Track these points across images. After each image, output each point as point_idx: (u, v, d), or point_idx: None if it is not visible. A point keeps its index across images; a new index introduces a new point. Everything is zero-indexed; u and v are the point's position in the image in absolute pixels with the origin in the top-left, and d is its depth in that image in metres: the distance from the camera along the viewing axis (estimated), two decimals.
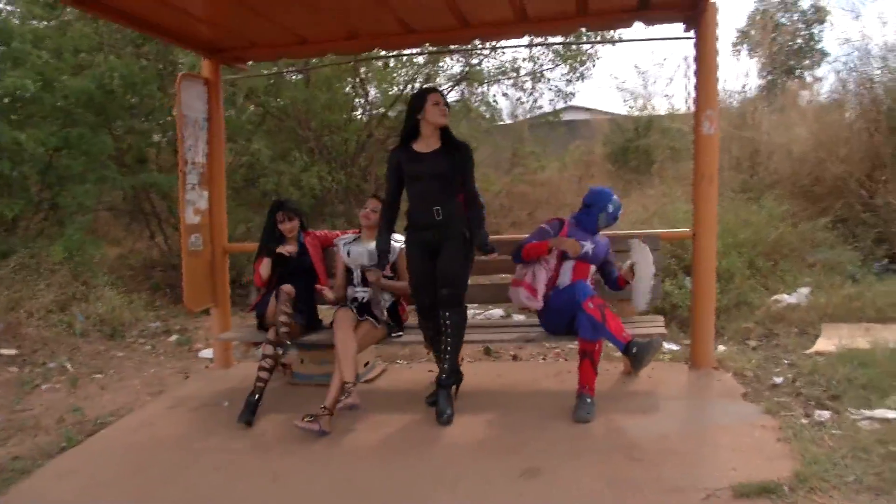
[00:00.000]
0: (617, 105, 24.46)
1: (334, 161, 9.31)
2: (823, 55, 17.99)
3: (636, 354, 3.39)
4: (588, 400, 3.53)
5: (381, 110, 10.03)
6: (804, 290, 5.51)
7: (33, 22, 6.70)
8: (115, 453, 3.51)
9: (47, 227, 7.42)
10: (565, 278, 3.79)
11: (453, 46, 6.94)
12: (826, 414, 3.34)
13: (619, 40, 9.26)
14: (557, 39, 9.45)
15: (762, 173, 7.77)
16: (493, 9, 4.05)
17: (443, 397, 3.57)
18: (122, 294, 6.64)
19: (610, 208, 3.85)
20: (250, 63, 5.15)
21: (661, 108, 13.97)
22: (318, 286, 4.12)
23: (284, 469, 3.14)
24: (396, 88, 9.52)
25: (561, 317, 3.72)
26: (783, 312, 5.23)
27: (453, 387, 3.75)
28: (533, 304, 3.84)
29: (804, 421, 3.28)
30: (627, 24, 4.31)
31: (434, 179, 3.50)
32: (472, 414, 3.68)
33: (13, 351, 5.27)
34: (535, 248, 3.77)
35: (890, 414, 3.20)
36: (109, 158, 7.84)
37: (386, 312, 3.96)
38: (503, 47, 8.84)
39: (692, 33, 4.14)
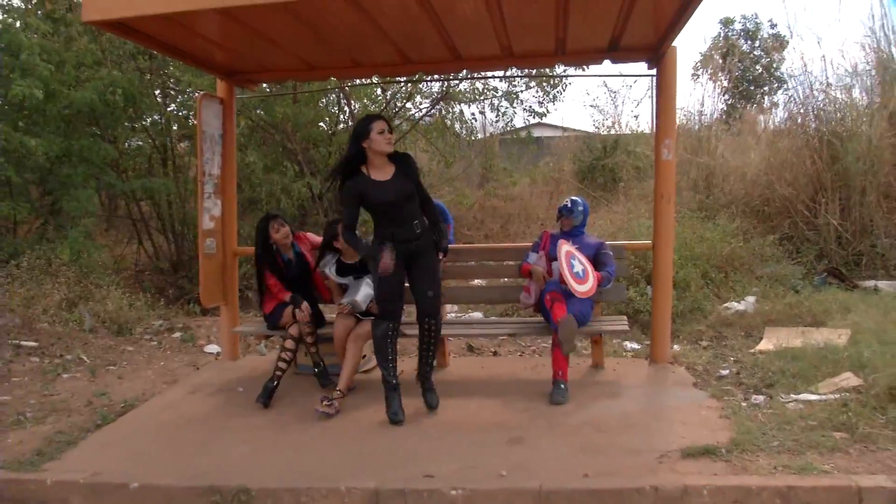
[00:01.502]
0: (587, 123, 25.32)
1: (319, 173, 9.84)
2: (781, 82, 18.99)
3: (559, 331, 4.01)
4: (562, 385, 4.12)
5: None
6: (751, 299, 6.20)
7: (35, 35, 7.09)
8: (147, 429, 3.98)
9: (48, 231, 7.78)
10: (557, 276, 4.39)
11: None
12: (761, 398, 3.98)
13: (588, 75, 9.94)
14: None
15: (717, 194, 8.52)
16: (482, 45, 4.63)
17: (430, 389, 4.05)
18: (123, 294, 7.05)
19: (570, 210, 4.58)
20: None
21: (628, 127, 14.72)
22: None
23: (303, 442, 3.66)
24: (375, 105, 10.07)
25: (544, 310, 4.34)
26: (732, 318, 5.91)
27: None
28: (527, 301, 4.48)
29: (743, 403, 3.92)
30: (599, 62, 4.95)
31: (407, 202, 3.76)
32: (462, 398, 4.24)
33: (33, 343, 5.66)
34: (524, 269, 4.59)
35: (812, 397, 3.84)
36: (109, 166, 8.27)
37: None
38: (486, 77, 9.43)
39: (654, 71, 4.79)
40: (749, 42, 19.35)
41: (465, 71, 5.31)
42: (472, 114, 11.80)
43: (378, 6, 3.75)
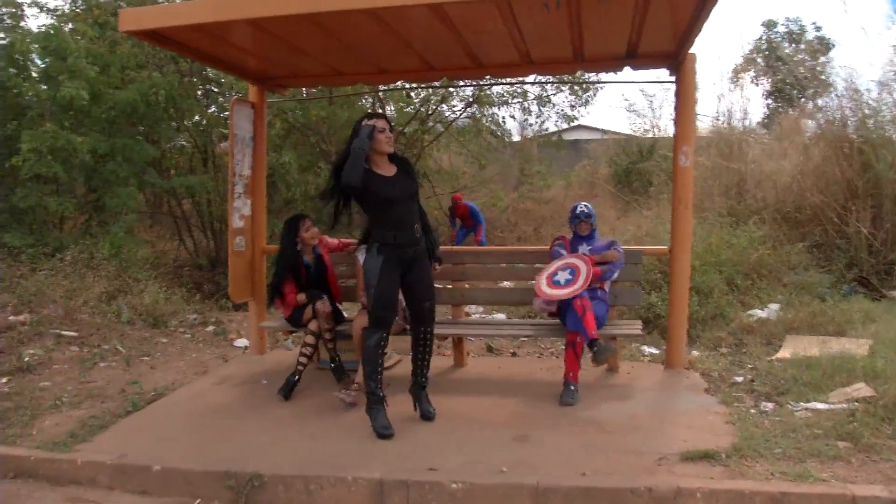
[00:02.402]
0: (625, 126, 25.12)
1: None
2: (828, 85, 18.48)
3: (596, 352, 4.07)
4: (572, 387, 4.21)
5: (398, 128, 10.79)
6: (775, 307, 6.16)
7: (81, 39, 7.46)
8: (175, 416, 4.20)
9: (92, 227, 8.15)
10: None
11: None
12: (770, 405, 4.00)
13: (607, 81, 9.92)
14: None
15: (749, 200, 8.44)
16: (502, 53, 4.74)
17: (424, 398, 4.00)
18: (161, 288, 7.36)
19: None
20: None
21: (665, 131, 14.55)
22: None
23: (318, 433, 3.82)
24: (412, 107, 10.25)
25: (563, 313, 4.42)
26: (754, 325, 5.89)
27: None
28: (548, 308, 4.59)
29: (751, 410, 3.95)
30: (619, 69, 5.02)
31: (410, 200, 3.74)
32: (475, 396, 4.37)
33: (73, 333, 5.97)
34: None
35: (821, 406, 3.85)
36: (149, 164, 8.62)
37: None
38: (509, 82, 9.51)
39: (674, 78, 4.83)
40: (793, 45, 18.98)
41: (488, 77, 5.36)
42: (503, 117, 11.81)
43: (400, 19, 3.90)
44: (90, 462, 3.52)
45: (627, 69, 5.00)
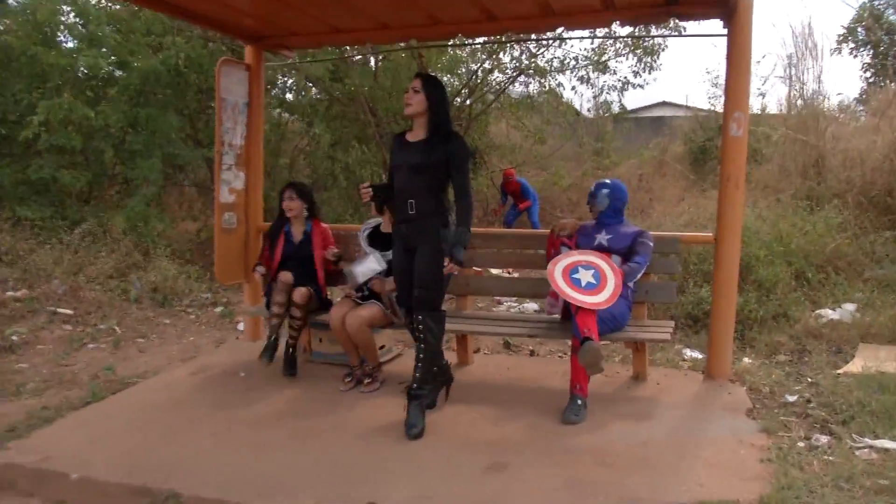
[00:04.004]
0: (705, 101, 23.44)
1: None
2: None
3: (581, 350, 3.33)
4: (579, 401, 3.50)
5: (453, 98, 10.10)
6: (850, 307, 5.19)
7: (108, 4, 7.18)
8: (129, 411, 3.79)
9: (120, 200, 7.94)
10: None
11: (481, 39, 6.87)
12: (825, 438, 3.16)
13: (645, 35, 8.84)
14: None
15: (831, 181, 7.32)
16: (516, 3, 4.03)
17: (413, 409, 3.35)
18: (179, 265, 7.04)
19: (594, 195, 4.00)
20: (313, 50, 5.31)
21: (754, 106, 13.29)
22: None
23: (271, 441, 3.31)
24: (456, 78, 9.54)
25: (570, 314, 3.70)
26: (823, 328, 4.95)
27: (443, 388, 3.74)
28: (554, 308, 3.93)
29: (799, 444, 3.13)
30: (661, 20, 4.20)
31: (410, 171, 3.37)
32: (466, 404, 3.73)
33: (69, 311, 5.71)
34: (548, 250, 4.04)
35: (892, 445, 3.00)
36: (186, 136, 8.32)
37: (391, 307, 4.03)
38: (538, 40, 8.60)
39: (726, 31, 3.97)
40: None
41: (509, 34, 4.64)
42: (562, 86, 10.87)
43: None
44: (10, 464, 3.13)
45: (673, 21, 4.19)
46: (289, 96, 9.56)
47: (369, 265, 4.02)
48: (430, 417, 3.48)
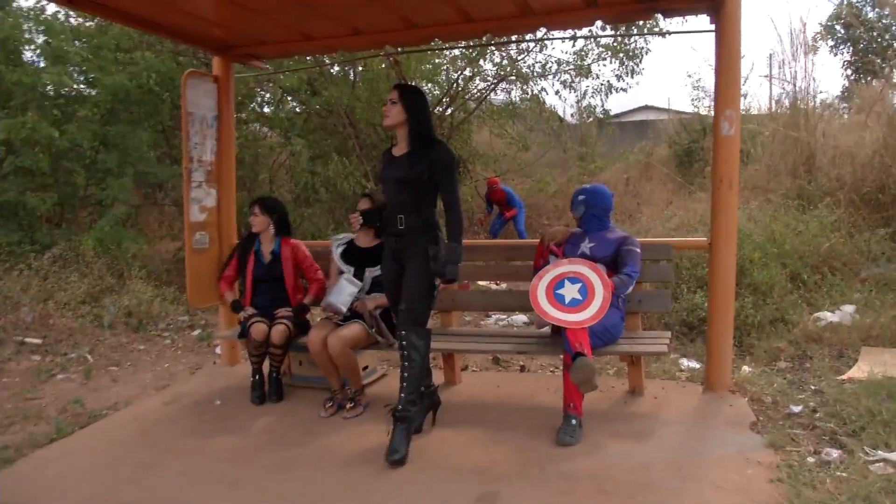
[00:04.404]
0: (688, 104, 23.49)
1: (374, 161, 9.27)
2: None
3: (572, 367, 3.15)
4: (573, 421, 3.30)
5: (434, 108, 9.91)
6: (849, 308, 5.02)
7: (73, 19, 6.92)
8: (97, 447, 3.55)
9: (93, 222, 7.67)
10: None
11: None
12: (836, 452, 2.97)
13: (628, 35, 8.71)
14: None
15: (821, 179, 7.19)
16: (494, 3, 3.85)
17: (398, 433, 3.14)
18: (155, 287, 6.78)
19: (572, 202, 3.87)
20: (289, 62, 5.12)
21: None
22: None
23: (243, 477, 3.09)
24: (438, 88, 9.36)
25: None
26: (822, 332, 4.77)
27: (430, 413, 3.56)
28: (543, 322, 3.69)
29: (810, 459, 2.94)
30: (646, 16, 4.04)
31: (397, 185, 3.25)
32: (453, 428, 3.53)
33: (37, 340, 5.44)
34: (537, 257, 3.84)
35: None
36: (163, 154, 8.06)
37: (375, 325, 3.83)
38: (518, 41, 8.43)
39: (714, 26, 3.80)
40: (877, 10, 16.92)
41: (487, 37, 4.47)
42: (543, 91, 10.71)
43: None
44: None
45: (659, 18, 4.04)
46: (266, 109, 9.36)
47: (346, 290, 3.84)
48: (416, 442, 3.28)
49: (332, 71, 8.45)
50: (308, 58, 6.92)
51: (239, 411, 3.97)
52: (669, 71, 30.73)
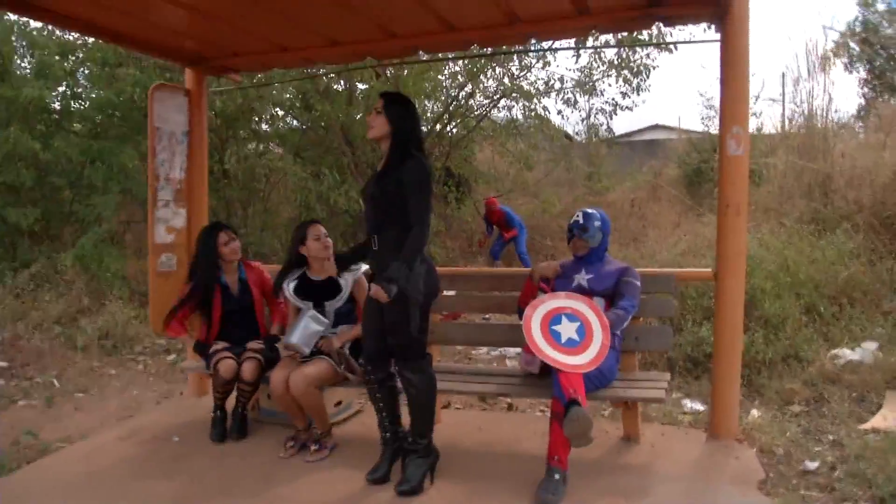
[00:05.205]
0: (698, 123, 23.11)
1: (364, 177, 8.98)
2: None
3: (566, 418, 2.79)
4: (556, 476, 2.92)
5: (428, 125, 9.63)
6: (871, 345, 4.61)
7: (58, 32, 6.74)
8: (41, 488, 3.24)
9: (77, 239, 7.42)
10: None
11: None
12: None
13: (623, 45, 8.39)
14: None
15: (838, 202, 6.78)
16: (478, 11, 3.55)
17: (409, 466, 3.05)
18: (136, 307, 6.50)
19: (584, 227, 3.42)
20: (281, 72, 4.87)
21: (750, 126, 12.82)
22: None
23: None
24: (438, 104, 9.08)
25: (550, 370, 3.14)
26: (841, 371, 4.36)
27: (399, 461, 3.20)
28: (529, 366, 3.36)
29: None
30: (644, 24, 3.71)
31: (371, 203, 3.06)
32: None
33: (3, 364, 5.16)
34: (524, 294, 3.45)
35: None
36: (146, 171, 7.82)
37: (344, 362, 3.50)
38: (514, 51, 8.14)
39: (719, 35, 3.47)
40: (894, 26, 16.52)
41: (475, 48, 4.16)
42: (545, 108, 10.38)
43: None
44: None
45: (659, 27, 3.73)
46: (265, 126, 9.11)
47: (309, 328, 3.50)
48: (384, 497, 2.92)
49: (323, 84, 8.15)
50: (293, 70, 6.63)
51: (196, 450, 3.64)
52: (680, 89, 30.42)
